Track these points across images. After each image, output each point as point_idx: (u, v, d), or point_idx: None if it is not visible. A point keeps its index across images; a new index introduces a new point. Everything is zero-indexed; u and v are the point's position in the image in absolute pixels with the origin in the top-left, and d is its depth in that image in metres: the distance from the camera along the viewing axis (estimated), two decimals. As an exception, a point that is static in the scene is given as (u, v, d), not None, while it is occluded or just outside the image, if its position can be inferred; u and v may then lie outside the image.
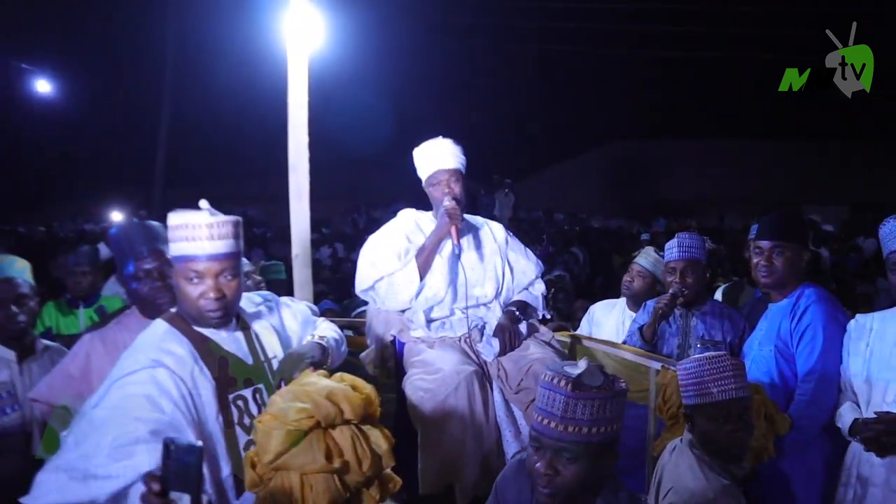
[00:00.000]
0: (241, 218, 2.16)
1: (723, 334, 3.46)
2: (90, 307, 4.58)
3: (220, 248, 2.06)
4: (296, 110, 4.10)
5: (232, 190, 22.38)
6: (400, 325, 3.15)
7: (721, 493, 2.21)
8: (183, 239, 2.05)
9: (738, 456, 2.33)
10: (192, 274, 2.06)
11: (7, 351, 2.95)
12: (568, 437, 1.78)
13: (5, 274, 2.97)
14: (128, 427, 1.86)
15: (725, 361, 2.34)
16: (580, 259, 10.65)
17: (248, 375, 2.16)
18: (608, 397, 1.79)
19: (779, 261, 3.00)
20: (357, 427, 1.98)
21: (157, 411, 1.92)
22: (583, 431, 1.77)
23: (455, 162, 3.17)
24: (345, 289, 8.07)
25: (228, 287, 2.09)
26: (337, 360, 2.45)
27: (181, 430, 1.93)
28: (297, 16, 4.10)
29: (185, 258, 2.06)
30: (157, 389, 1.95)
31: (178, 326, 2.12)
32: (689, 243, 3.58)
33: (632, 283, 4.17)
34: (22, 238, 13.64)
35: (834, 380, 2.87)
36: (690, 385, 2.37)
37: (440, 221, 3.06)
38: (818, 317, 2.90)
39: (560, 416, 1.78)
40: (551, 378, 1.83)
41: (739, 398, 2.31)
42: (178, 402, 1.96)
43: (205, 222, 2.05)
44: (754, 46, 16.75)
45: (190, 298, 2.08)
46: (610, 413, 1.79)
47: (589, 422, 1.77)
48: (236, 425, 2.09)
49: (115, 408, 1.91)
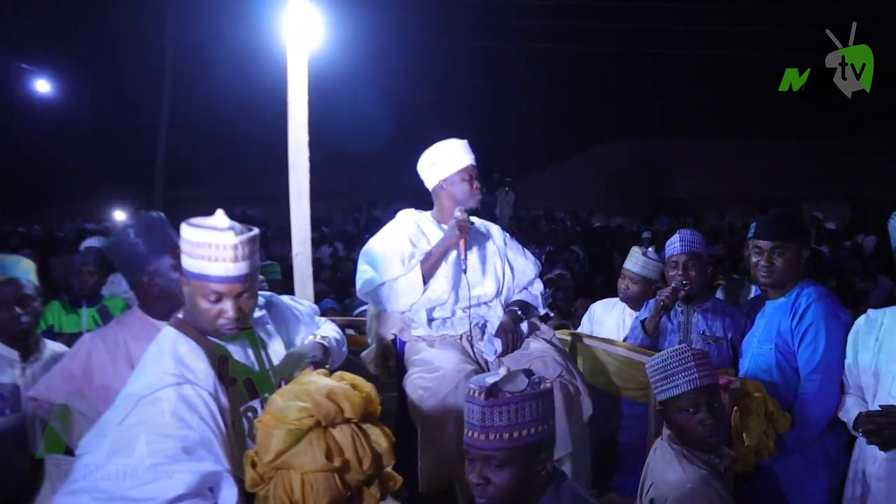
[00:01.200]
0: (258, 229, 2.10)
1: (724, 330, 3.46)
2: (93, 307, 4.59)
3: (243, 270, 2.00)
4: (296, 109, 4.10)
5: (232, 189, 22.39)
6: (401, 324, 3.14)
7: (699, 483, 2.25)
8: (204, 258, 1.97)
9: (715, 444, 2.36)
10: (211, 294, 2.00)
11: (10, 351, 2.94)
12: (490, 444, 1.81)
13: (9, 274, 2.97)
14: (160, 446, 1.81)
15: (687, 352, 2.39)
16: (581, 258, 10.65)
17: (256, 385, 2.14)
18: (525, 400, 1.82)
19: (779, 261, 3.00)
20: (357, 426, 1.98)
21: (187, 428, 1.86)
22: (504, 437, 1.80)
23: (472, 157, 3.20)
24: (345, 288, 8.08)
25: (247, 304, 2.06)
26: (338, 359, 2.45)
27: (211, 446, 1.89)
28: (297, 15, 4.09)
29: (206, 278, 1.99)
30: (184, 406, 1.89)
31: (192, 336, 2.06)
32: (691, 238, 3.59)
33: (627, 289, 4.17)
34: (23, 238, 13.63)
35: (837, 377, 2.87)
36: (658, 380, 2.42)
37: (450, 232, 3.02)
38: (819, 315, 2.90)
39: (480, 426, 1.82)
40: (469, 391, 1.87)
41: (706, 386, 2.35)
42: (205, 417, 1.91)
43: (230, 243, 1.96)
44: (756, 45, 16.75)
45: (207, 316, 2.03)
46: (530, 416, 1.82)
47: (508, 427, 1.80)
48: (247, 437, 2.06)
49: (143, 425, 1.85)
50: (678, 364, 2.37)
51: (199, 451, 1.85)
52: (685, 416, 2.34)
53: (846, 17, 3.33)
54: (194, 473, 1.82)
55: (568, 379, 2.90)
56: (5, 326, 2.92)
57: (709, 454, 2.36)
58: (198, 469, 1.83)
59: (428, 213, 3.31)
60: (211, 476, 1.87)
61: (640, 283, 4.12)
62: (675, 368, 2.36)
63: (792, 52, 3.35)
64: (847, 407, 2.81)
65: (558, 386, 2.83)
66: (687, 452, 2.34)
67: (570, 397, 2.87)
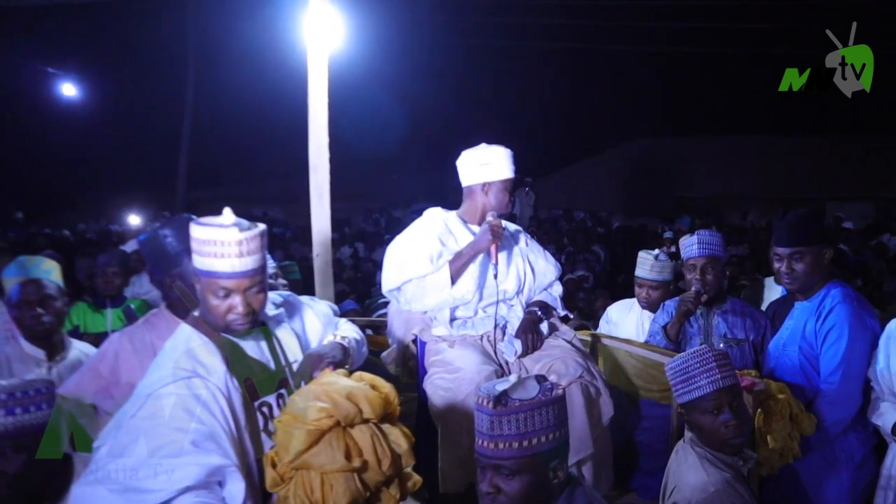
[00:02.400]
0: (265, 225, 2.13)
1: (745, 332, 3.42)
2: (117, 307, 4.65)
3: (250, 265, 2.03)
4: (316, 111, 4.13)
5: (253, 191, 22.55)
6: (421, 325, 3.15)
7: (723, 486, 2.22)
8: (211, 255, 2.01)
9: (739, 446, 2.34)
10: (220, 290, 2.03)
11: (36, 350, 3.01)
12: (499, 453, 1.78)
13: (31, 275, 3.02)
14: (168, 438, 1.84)
15: (708, 353, 2.37)
16: (602, 258, 10.60)
17: (272, 381, 2.15)
18: (535, 408, 1.79)
19: (799, 266, 2.98)
20: (376, 426, 1.99)
21: (195, 422, 1.89)
22: (513, 446, 1.77)
23: (513, 171, 3.20)
24: (366, 288, 8.11)
25: (256, 300, 2.08)
26: (358, 360, 2.45)
27: (219, 440, 1.91)
28: (317, 17, 4.12)
29: (214, 274, 2.03)
30: (194, 400, 1.93)
31: (206, 333, 2.10)
32: (709, 240, 3.53)
33: (648, 297, 4.10)
34: (48, 239, 13.83)
35: (858, 379, 2.84)
36: (680, 382, 2.39)
37: (482, 236, 3.02)
38: (844, 316, 2.87)
39: (488, 435, 1.80)
40: (477, 398, 1.84)
41: (728, 386, 2.32)
42: (214, 411, 1.94)
43: (234, 239, 2.00)
44: (777, 42, 16.55)
45: (217, 312, 2.06)
46: (540, 424, 1.79)
47: (517, 436, 1.77)
48: (262, 433, 2.08)
49: (153, 418, 1.88)
50: (700, 365, 2.34)
51: (206, 445, 1.88)
52: (708, 418, 2.31)
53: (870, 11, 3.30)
54: (201, 466, 1.84)
55: (589, 380, 2.89)
56: (28, 326, 2.98)
57: (732, 457, 2.33)
58: (205, 462, 1.86)
59: (454, 213, 3.30)
60: (218, 470, 1.90)
61: (659, 288, 4.06)
62: (697, 370, 2.34)
63: (814, 47, 3.31)
64: (882, 412, 2.78)
65: (579, 387, 2.82)
66: (710, 455, 2.32)
67: (590, 398, 2.86)
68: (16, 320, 3.03)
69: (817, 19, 11.46)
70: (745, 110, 21.61)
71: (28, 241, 12.77)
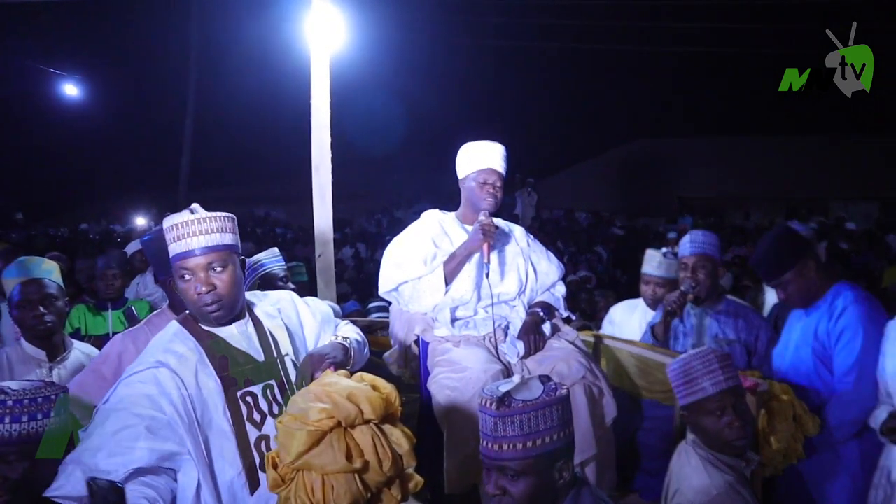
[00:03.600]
0: (234, 215, 2.21)
1: (737, 333, 3.38)
2: (118, 309, 4.65)
3: (205, 243, 2.10)
4: (318, 111, 4.13)
5: (255, 191, 22.59)
6: (424, 325, 3.14)
7: (725, 490, 2.21)
8: (173, 240, 2.12)
9: (742, 448, 2.33)
10: (184, 272, 2.11)
11: (38, 351, 3.00)
12: (504, 455, 1.78)
13: (32, 275, 3.02)
14: (128, 423, 1.93)
15: (711, 355, 2.36)
16: (604, 258, 10.60)
17: (259, 372, 2.18)
18: (539, 409, 1.78)
19: (791, 288, 3.00)
20: (378, 427, 1.98)
21: (155, 410, 1.97)
22: (517, 447, 1.77)
23: (504, 166, 3.20)
24: (368, 289, 8.10)
25: (219, 279, 2.12)
26: (360, 361, 2.45)
27: (176, 430, 1.98)
28: (320, 18, 4.12)
29: (176, 258, 2.12)
30: (157, 389, 2.01)
31: (188, 326, 2.18)
32: (701, 239, 3.50)
33: (655, 294, 4.08)
34: (50, 240, 13.85)
35: (872, 381, 2.82)
36: (682, 385, 2.38)
37: (474, 236, 3.02)
38: (857, 318, 2.86)
39: (492, 436, 1.80)
40: (481, 400, 1.84)
41: (731, 388, 2.32)
42: (176, 403, 2.01)
43: (186, 220, 2.11)
44: (779, 41, 16.53)
45: (188, 298, 2.13)
46: (545, 425, 1.78)
47: (521, 437, 1.77)
48: (246, 421, 2.11)
49: (120, 402, 1.99)
50: (702, 367, 2.33)
51: (162, 432, 1.95)
52: (712, 420, 2.30)
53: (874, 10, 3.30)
54: (154, 451, 1.93)
55: (591, 381, 2.88)
56: (31, 326, 2.97)
57: (735, 458, 2.32)
58: (159, 448, 1.94)
59: (452, 214, 3.31)
60: (171, 456, 1.97)
61: (666, 285, 4.04)
62: (700, 371, 2.33)
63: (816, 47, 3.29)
64: (876, 414, 2.76)
65: (582, 388, 2.81)
66: (713, 457, 2.31)
67: (594, 399, 2.85)
68: (17, 320, 3.03)
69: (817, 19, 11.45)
70: (748, 110, 21.61)
71: (29, 241, 12.79)
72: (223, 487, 2.05)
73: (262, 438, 2.12)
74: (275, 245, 4.26)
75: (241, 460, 2.07)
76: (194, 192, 18.39)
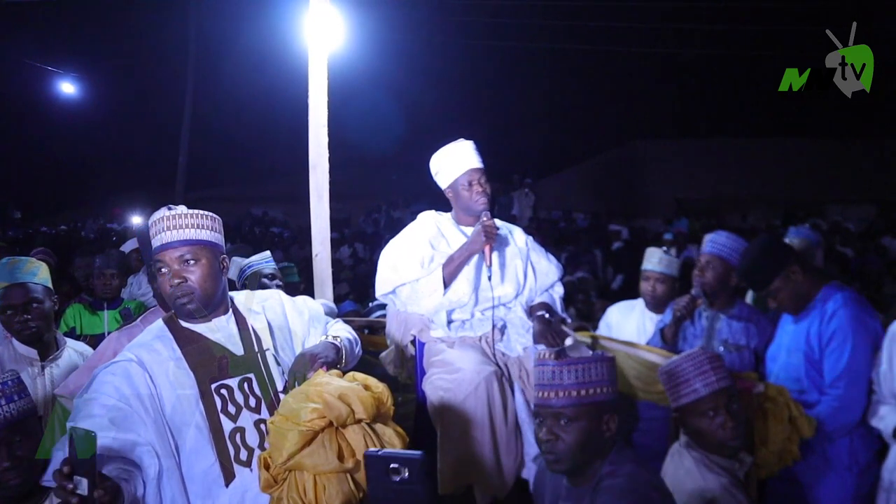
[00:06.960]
0: (218, 216, 2.27)
1: (747, 339, 3.35)
2: (114, 309, 4.63)
3: (179, 236, 2.16)
4: (316, 110, 4.11)
5: (253, 190, 22.58)
6: (420, 325, 3.13)
7: (719, 492, 2.21)
8: (153, 236, 2.20)
9: (736, 448, 2.33)
10: (160, 265, 2.17)
11: (29, 350, 3.00)
12: (560, 401, 1.98)
13: (17, 280, 2.99)
14: (95, 412, 2.00)
15: (701, 356, 2.38)
16: (600, 260, 10.59)
17: (237, 365, 2.21)
18: (592, 362, 2.02)
19: (779, 296, 3.02)
20: (369, 426, 1.98)
21: (121, 402, 2.03)
22: (572, 395, 1.98)
23: (480, 161, 3.17)
24: (366, 289, 8.09)
25: (191, 272, 2.16)
26: (352, 361, 2.45)
27: (137, 425, 2.02)
28: (318, 17, 4.11)
29: (154, 252, 2.19)
30: (125, 382, 2.07)
31: (168, 323, 2.24)
32: (716, 239, 3.46)
33: (654, 290, 4.07)
34: (46, 238, 13.82)
35: (863, 385, 2.82)
36: (674, 386, 2.39)
37: (475, 237, 2.99)
38: (847, 321, 2.86)
39: (549, 385, 2.00)
40: (538, 355, 2.08)
41: (723, 388, 2.33)
42: (143, 398, 2.06)
43: (163, 216, 2.18)
44: (777, 42, 16.56)
45: (164, 292, 2.19)
46: (597, 376, 2.00)
47: (577, 385, 1.98)
48: (220, 413, 2.14)
49: (92, 392, 2.06)
50: (694, 369, 2.34)
51: (125, 424, 2.01)
52: (705, 421, 2.31)
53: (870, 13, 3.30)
54: (115, 441, 1.98)
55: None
56: (17, 331, 2.98)
57: (729, 460, 2.32)
58: (121, 438, 1.99)
59: (448, 215, 3.29)
60: (132, 446, 2.02)
61: (665, 281, 4.04)
62: (692, 373, 2.34)
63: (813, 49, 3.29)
64: (882, 415, 2.76)
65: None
66: (707, 459, 2.31)
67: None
68: (3, 324, 3.02)
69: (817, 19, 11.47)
70: (746, 112, 21.64)
71: (27, 239, 12.77)
72: (196, 478, 2.08)
73: (237, 430, 2.14)
74: (272, 245, 4.27)
75: (215, 451, 2.09)
76: (192, 190, 18.38)
